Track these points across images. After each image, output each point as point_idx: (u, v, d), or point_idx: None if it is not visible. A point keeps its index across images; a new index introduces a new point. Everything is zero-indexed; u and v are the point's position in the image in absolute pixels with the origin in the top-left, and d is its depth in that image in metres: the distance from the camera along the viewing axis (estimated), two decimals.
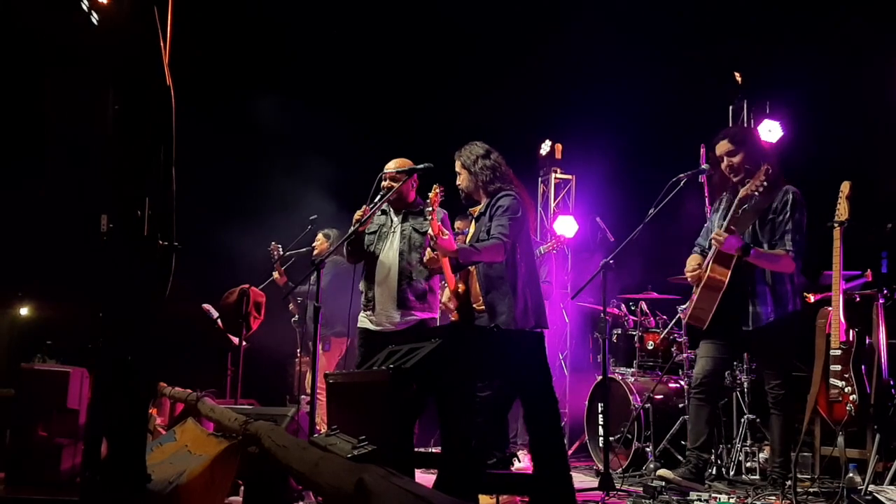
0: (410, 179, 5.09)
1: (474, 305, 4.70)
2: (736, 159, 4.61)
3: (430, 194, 4.62)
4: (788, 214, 4.44)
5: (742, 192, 4.40)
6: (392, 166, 5.13)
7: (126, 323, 2.82)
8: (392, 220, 5.14)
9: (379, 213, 5.16)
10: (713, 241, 4.46)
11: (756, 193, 4.35)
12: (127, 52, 2.89)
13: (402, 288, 4.98)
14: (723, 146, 4.66)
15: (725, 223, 4.43)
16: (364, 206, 5.00)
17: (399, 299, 4.99)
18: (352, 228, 5.01)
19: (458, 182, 4.84)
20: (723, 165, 4.66)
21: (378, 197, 5.02)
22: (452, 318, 4.74)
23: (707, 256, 4.69)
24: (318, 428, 5.33)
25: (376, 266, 5.09)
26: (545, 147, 8.91)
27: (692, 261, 4.78)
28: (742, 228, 4.45)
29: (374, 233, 5.14)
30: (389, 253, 5.07)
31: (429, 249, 4.70)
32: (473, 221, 4.85)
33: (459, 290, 4.71)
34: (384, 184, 5.09)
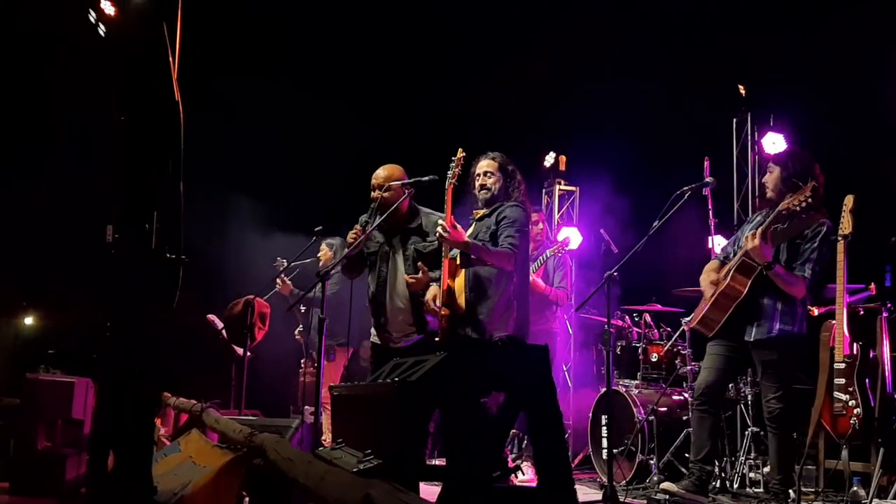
0: (403, 188, 4.81)
1: (458, 301, 4.64)
2: (770, 177, 4.63)
3: (455, 158, 4.60)
4: (816, 245, 4.40)
5: (783, 205, 4.32)
6: (382, 174, 4.86)
7: (132, 334, 2.84)
8: (392, 240, 4.88)
9: (375, 230, 4.93)
10: (746, 240, 4.39)
11: (797, 209, 4.26)
12: (135, 66, 2.91)
13: (417, 311, 4.78)
14: (768, 168, 4.71)
15: (761, 229, 4.38)
16: (356, 227, 4.86)
17: (418, 324, 4.80)
18: (345, 251, 4.91)
19: (484, 181, 4.77)
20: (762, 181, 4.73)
21: (370, 213, 4.84)
22: (443, 314, 4.65)
23: (727, 265, 4.68)
24: (323, 440, 5.33)
25: (386, 291, 4.85)
26: (549, 158, 8.93)
27: (710, 266, 4.78)
28: (774, 244, 4.42)
29: (375, 252, 4.89)
30: (397, 278, 4.84)
31: (407, 278, 4.68)
32: (475, 222, 4.85)
33: (451, 285, 4.68)
34: (374, 194, 4.82)
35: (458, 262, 4.72)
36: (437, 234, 4.46)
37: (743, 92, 7.18)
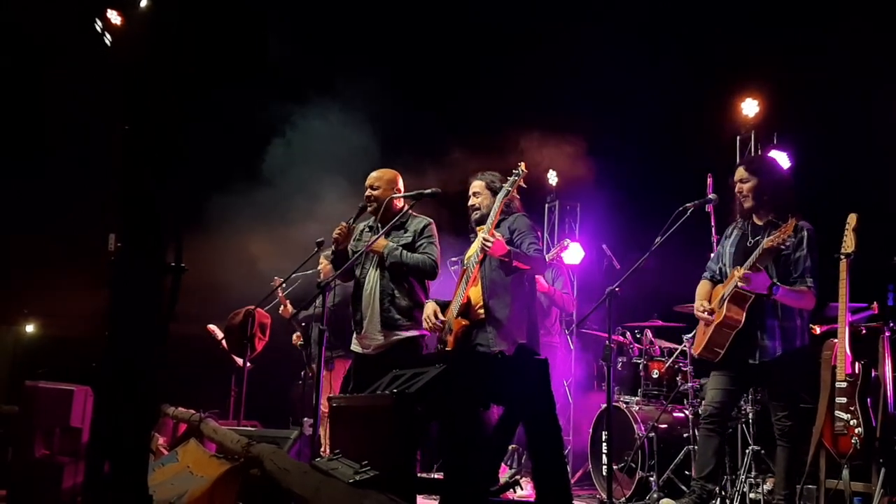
0: (395, 189, 5.02)
1: (477, 310, 4.69)
2: (747, 186, 4.64)
3: (520, 172, 4.76)
4: (806, 252, 4.40)
5: (767, 244, 4.29)
6: (375, 175, 5.05)
7: (132, 342, 2.83)
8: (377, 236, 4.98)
9: (367, 228, 5.11)
10: (737, 283, 4.38)
11: (782, 247, 4.26)
12: (142, 78, 2.91)
13: (385, 307, 4.83)
14: (739, 172, 4.72)
15: (749, 263, 4.38)
16: (342, 223, 4.95)
17: (383, 320, 4.83)
18: (332, 247, 4.99)
19: (474, 201, 4.97)
20: (736, 190, 4.70)
21: (358, 212, 5.00)
22: (463, 323, 4.66)
23: (717, 286, 4.66)
24: (322, 451, 5.30)
25: (363, 287, 4.96)
26: (552, 175, 8.94)
27: (702, 288, 4.77)
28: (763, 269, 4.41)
29: (362, 252, 4.97)
30: (372, 272, 4.93)
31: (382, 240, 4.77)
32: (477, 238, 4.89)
33: (469, 296, 4.73)
34: (367, 193, 5.00)
35: (474, 271, 4.75)
36: (480, 249, 4.53)
37: (753, 109, 7.16)
